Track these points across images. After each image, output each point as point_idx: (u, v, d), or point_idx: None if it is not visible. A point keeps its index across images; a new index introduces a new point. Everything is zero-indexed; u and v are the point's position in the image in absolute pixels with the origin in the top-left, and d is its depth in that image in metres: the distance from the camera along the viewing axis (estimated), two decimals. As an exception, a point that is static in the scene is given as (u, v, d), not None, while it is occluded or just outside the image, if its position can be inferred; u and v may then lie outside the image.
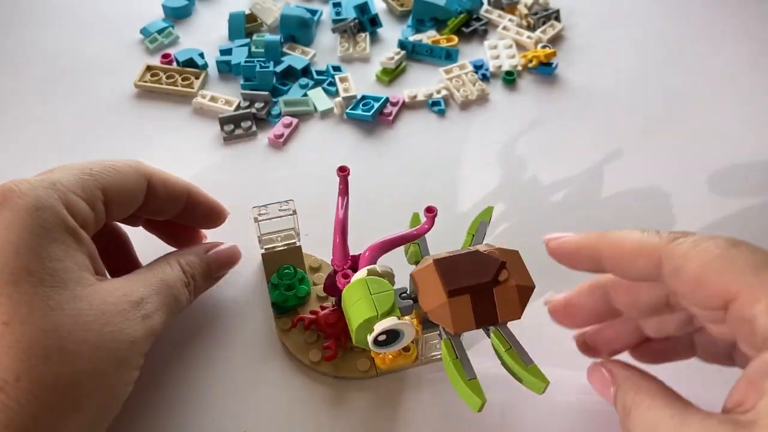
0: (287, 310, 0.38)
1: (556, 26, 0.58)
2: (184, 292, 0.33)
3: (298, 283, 0.38)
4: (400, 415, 0.35)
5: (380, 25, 0.58)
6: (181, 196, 0.35)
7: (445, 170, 0.47)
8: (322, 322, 0.37)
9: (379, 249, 0.33)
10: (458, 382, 0.29)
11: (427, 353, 0.36)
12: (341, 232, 0.34)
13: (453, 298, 0.29)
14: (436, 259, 0.30)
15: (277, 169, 0.47)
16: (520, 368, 0.29)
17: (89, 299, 0.28)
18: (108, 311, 0.28)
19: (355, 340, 0.31)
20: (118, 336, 0.28)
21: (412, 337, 0.31)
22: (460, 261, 0.30)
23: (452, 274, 0.30)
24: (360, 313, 0.30)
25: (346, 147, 0.49)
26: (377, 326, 0.29)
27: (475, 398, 0.28)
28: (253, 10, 0.57)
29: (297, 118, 0.50)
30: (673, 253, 0.25)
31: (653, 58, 0.57)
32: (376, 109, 0.49)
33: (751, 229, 0.44)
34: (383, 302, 0.30)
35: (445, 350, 0.30)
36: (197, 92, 0.51)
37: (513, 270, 0.30)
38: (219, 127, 0.49)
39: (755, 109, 0.52)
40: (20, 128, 0.49)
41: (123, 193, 0.32)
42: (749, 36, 0.59)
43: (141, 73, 0.52)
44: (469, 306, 0.29)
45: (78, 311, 0.27)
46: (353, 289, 0.31)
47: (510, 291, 0.30)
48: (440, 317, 0.30)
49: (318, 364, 0.36)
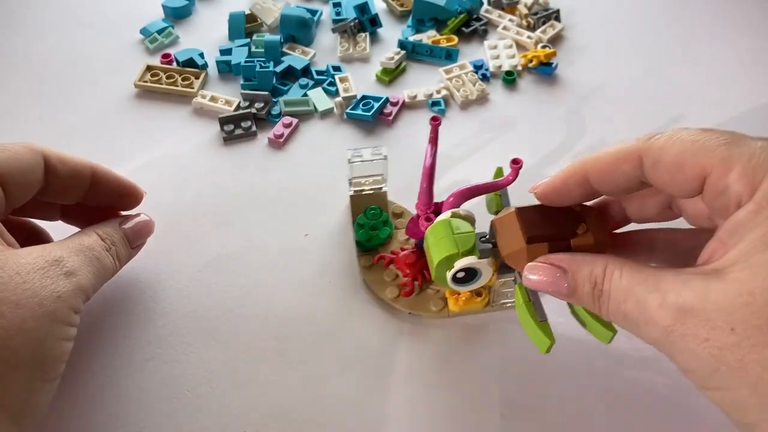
0: (370, 249, 0.42)
1: (556, 26, 0.58)
2: (106, 255, 0.34)
3: (382, 225, 0.42)
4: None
5: (380, 25, 0.58)
6: (83, 172, 0.36)
7: (445, 170, 0.47)
8: (401, 262, 0.40)
9: (462, 195, 0.35)
10: (529, 323, 0.31)
11: (497, 300, 0.38)
12: (428, 177, 0.36)
13: (531, 244, 0.30)
14: (518, 208, 0.32)
15: (277, 169, 0.47)
16: (590, 317, 0.30)
17: (6, 260, 0.29)
18: (24, 271, 0.29)
19: (434, 276, 0.34)
20: (41, 292, 0.29)
21: (489, 278, 0.33)
22: (541, 211, 0.32)
23: (532, 222, 0.31)
24: (442, 250, 0.32)
25: (346, 147, 0.49)
26: (457, 263, 0.32)
27: (544, 339, 0.30)
28: (253, 10, 0.57)
29: (297, 118, 0.50)
30: (651, 148, 0.26)
31: (654, 58, 0.57)
32: (376, 109, 0.49)
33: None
34: (465, 242, 0.32)
35: (518, 294, 0.32)
36: (197, 92, 0.51)
37: (591, 225, 0.31)
38: (219, 127, 0.49)
39: (758, 107, 0.52)
40: (20, 128, 0.49)
41: (18, 171, 0.32)
42: (750, 33, 0.59)
43: (141, 73, 0.52)
44: (546, 254, 0.31)
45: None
46: (437, 228, 0.33)
47: (587, 245, 0.31)
48: (517, 262, 0.31)
49: (395, 300, 0.39)
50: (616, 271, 0.26)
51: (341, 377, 0.36)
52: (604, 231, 0.32)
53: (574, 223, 0.31)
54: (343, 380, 0.36)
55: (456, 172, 0.47)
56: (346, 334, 0.38)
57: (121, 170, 0.46)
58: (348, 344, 0.38)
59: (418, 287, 0.39)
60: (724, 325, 0.22)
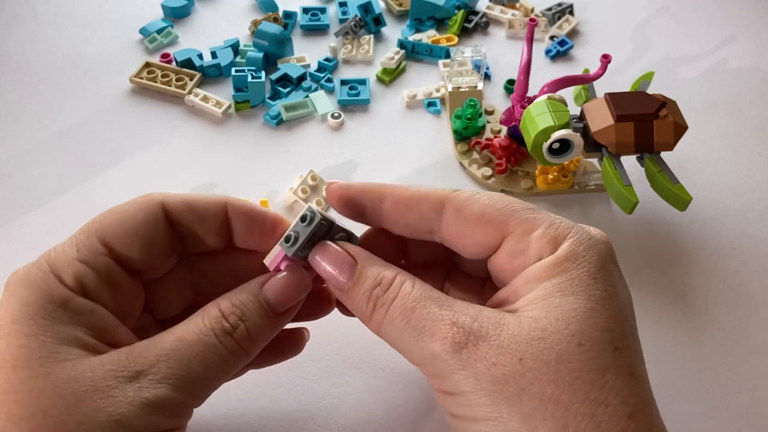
0: (466, 137, 0.48)
1: (571, 21, 0.58)
2: (217, 346, 0.25)
3: (478, 116, 0.47)
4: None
5: (384, 24, 0.58)
6: (210, 214, 0.28)
7: (446, 170, 0.47)
8: (496, 145, 0.46)
9: (555, 84, 0.41)
10: (615, 186, 0.37)
11: (582, 181, 0.44)
12: (525, 70, 0.42)
13: (619, 122, 0.37)
14: (608, 93, 0.38)
15: (277, 169, 0.47)
16: (670, 185, 0.37)
17: (58, 376, 0.23)
18: (80, 389, 0.23)
19: (531, 148, 0.39)
20: (92, 418, 0.22)
21: (581, 150, 0.38)
22: (628, 96, 0.38)
23: (621, 104, 0.37)
24: (540, 123, 0.38)
25: (345, 145, 0.49)
26: (554, 135, 0.37)
27: (629, 199, 0.36)
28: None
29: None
30: (458, 198, 0.27)
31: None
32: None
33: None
34: (560, 117, 0.37)
35: (606, 164, 0.38)
36: (187, 93, 0.51)
37: (672, 111, 0.38)
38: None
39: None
40: (20, 128, 0.49)
41: (130, 233, 0.26)
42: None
43: (138, 69, 0.52)
44: (632, 132, 0.37)
45: (38, 392, 0.22)
46: (536, 106, 0.39)
47: (667, 126, 0.37)
48: (606, 137, 0.38)
49: (488, 178, 0.45)
50: (408, 281, 0.25)
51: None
52: (682, 118, 0.38)
53: (659, 107, 0.37)
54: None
55: (456, 172, 0.47)
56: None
57: (121, 170, 0.46)
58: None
59: (510, 167, 0.45)
60: (514, 354, 0.22)
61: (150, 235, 0.27)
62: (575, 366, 0.22)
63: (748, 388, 0.35)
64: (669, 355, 0.36)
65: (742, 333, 0.38)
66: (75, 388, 0.23)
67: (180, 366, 0.24)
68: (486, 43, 0.57)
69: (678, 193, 0.37)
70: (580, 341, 0.22)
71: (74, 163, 0.47)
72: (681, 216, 0.43)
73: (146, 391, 0.23)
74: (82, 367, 0.23)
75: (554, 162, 0.39)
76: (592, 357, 0.22)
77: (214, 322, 0.26)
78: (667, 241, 0.42)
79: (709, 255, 0.41)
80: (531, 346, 0.22)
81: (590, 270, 0.24)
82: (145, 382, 0.24)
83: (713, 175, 0.46)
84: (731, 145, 0.49)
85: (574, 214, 0.43)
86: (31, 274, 0.25)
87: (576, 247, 0.25)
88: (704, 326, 0.38)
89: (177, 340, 0.25)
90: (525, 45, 0.42)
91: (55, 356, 0.23)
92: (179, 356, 0.24)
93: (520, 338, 0.22)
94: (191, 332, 0.25)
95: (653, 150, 0.38)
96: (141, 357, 0.24)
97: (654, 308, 0.39)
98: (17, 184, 0.45)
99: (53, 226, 0.42)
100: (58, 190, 0.45)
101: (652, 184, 0.38)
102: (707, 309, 0.39)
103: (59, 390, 0.22)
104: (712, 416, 0.34)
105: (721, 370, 0.36)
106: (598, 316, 0.23)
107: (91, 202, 0.44)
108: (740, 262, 0.41)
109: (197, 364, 0.25)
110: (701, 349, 0.37)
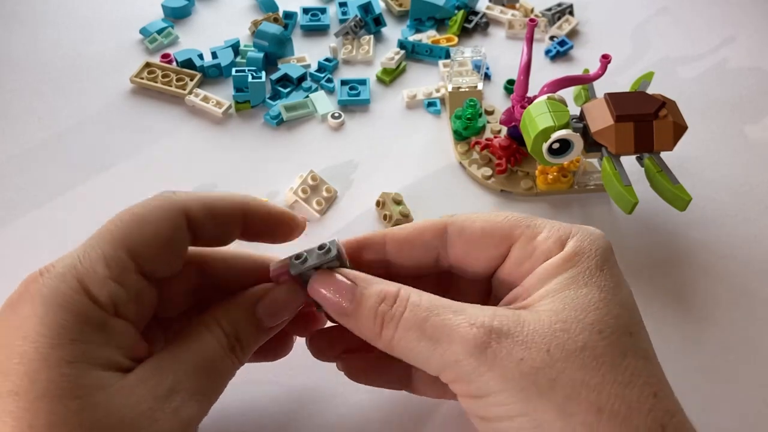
0: (466, 137, 0.47)
1: (571, 21, 0.58)
2: (227, 361, 0.27)
3: (478, 116, 0.47)
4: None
5: (384, 24, 0.58)
6: (230, 219, 0.29)
7: (446, 170, 0.47)
8: (496, 145, 0.45)
9: (555, 85, 0.41)
10: (615, 186, 0.37)
11: (582, 181, 0.44)
12: (525, 70, 0.42)
13: (619, 123, 0.37)
14: (607, 93, 0.38)
15: (277, 169, 0.47)
16: (669, 185, 0.37)
17: (106, 405, 0.23)
18: (127, 416, 0.23)
19: (531, 148, 0.39)
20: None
21: (581, 150, 0.38)
22: (628, 96, 0.38)
23: (620, 104, 0.37)
24: (540, 123, 0.38)
25: (346, 146, 0.49)
26: (554, 135, 0.37)
27: (629, 199, 0.36)
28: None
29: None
30: (458, 219, 0.28)
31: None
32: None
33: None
34: (560, 118, 0.38)
35: (606, 164, 0.38)
36: (187, 93, 0.51)
37: (671, 111, 0.37)
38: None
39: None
40: (20, 128, 0.49)
41: (158, 246, 0.26)
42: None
43: (139, 69, 0.52)
44: (632, 132, 0.37)
45: (90, 425, 0.22)
46: (536, 106, 0.39)
47: (667, 126, 0.37)
48: (605, 137, 0.37)
49: (488, 178, 0.45)
50: (414, 293, 0.25)
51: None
52: (681, 118, 0.38)
53: (658, 107, 0.37)
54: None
55: (457, 171, 0.47)
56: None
57: (121, 170, 0.46)
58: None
59: (510, 167, 0.45)
60: (541, 346, 0.23)
61: (175, 248, 0.27)
62: (600, 352, 0.23)
63: (748, 388, 0.35)
64: (669, 354, 0.36)
65: (742, 333, 0.38)
66: (123, 416, 0.23)
67: (203, 382, 0.25)
68: (486, 43, 0.58)
69: (678, 193, 0.37)
70: (600, 329, 0.23)
71: (74, 163, 0.47)
72: (681, 216, 0.43)
73: (183, 411, 0.24)
74: (123, 391, 0.23)
75: (554, 162, 0.39)
76: (612, 342, 0.23)
77: (222, 340, 0.27)
78: (667, 241, 0.42)
79: (709, 255, 0.42)
80: (556, 338, 0.23)
81: (597, 263, 0.25)
82: (178, 399, 0.24)
83: (713, 175, 0.46)
84: (731, 145, 0.49)
85: (574, 214, 0.44)
86: (61, 293, 0.23)
87: (581, 243, 0.26)
88: (704, 326, 0.38)
89: (195, 357, 0.26)
90: (525, 45, 0.42)
91: (100, 383, 0.23)
92: (200, 374, 0.25)
93: (543, 331, 0.23)
94: (207, 348, 0.26)
95: (653, 150, 0.38)
96: (169, 372, 0.25)
97: (654, 308, 0.39)
98: (17, 184, 0.45)
99: (53, 226, 0.42)
100: (58, 190, 0.45)
101: (651, 184, 0.39)
102: (707, 309, 0.39)
103: (109, 419, 0.22)
104: (712, 416, 0.34)
105: (721, 369, 0.36)
106: (611, 304, 0.24)
107: (92, 202, 0.44)
108: (740, 262, 0.41)
109: (216, 379, 0.26)
110: (701, 349, 0.37)
